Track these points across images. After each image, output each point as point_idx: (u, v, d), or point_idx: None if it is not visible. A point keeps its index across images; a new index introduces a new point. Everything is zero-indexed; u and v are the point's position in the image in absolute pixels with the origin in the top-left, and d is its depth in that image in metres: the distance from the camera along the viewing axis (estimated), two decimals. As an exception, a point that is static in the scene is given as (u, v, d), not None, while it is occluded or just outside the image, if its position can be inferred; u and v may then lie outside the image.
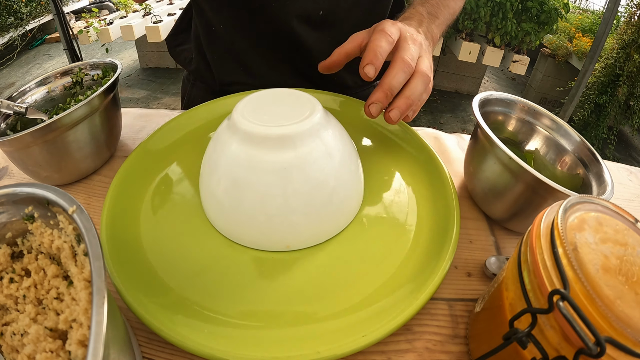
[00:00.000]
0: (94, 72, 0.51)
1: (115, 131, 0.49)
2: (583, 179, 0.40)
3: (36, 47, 3.60)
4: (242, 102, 0.39)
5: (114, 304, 0.25)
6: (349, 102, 0.53)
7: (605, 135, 2.43)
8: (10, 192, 0.25)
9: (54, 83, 0.50)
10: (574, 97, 2.30)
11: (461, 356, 0.31)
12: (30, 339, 0.23)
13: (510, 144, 0.45)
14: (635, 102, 2.31)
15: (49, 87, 0.49)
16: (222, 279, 0.34)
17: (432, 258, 0.34)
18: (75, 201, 0.23)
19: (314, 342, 0.28)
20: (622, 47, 2.29)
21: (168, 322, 0.29)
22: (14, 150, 0.41)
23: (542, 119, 0.45)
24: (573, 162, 0.42)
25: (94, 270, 0.19)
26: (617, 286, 0.20)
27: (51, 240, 0.26)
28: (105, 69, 0.51)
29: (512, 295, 0.25)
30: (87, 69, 0.51)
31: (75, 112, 0.40)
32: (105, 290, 0.19)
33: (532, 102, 0.45)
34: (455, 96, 3.12)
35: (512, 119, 0.46)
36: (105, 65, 0.51)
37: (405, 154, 0.47)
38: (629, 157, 2.60)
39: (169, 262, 0.35)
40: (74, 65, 0.51)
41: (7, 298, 0.26)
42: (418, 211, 0.40)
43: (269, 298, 0.33)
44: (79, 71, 0.51)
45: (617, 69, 2.31)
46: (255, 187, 0.35)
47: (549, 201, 0.35)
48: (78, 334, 0.21)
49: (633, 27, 2.25)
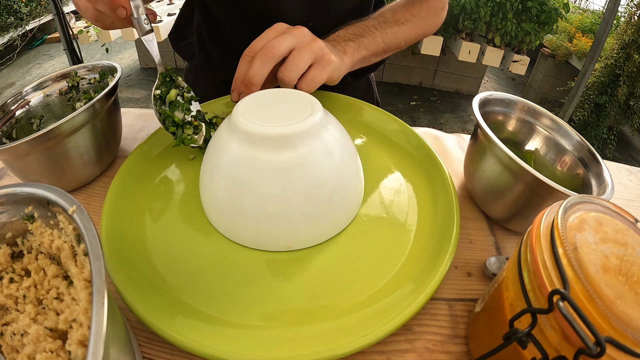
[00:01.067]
0: (90, 76, 0.50)
1: (116, 136, 0.48)
2: (583, 179, 0.40)
3: (36, 47, 3.60)
4: (242, 102, 0.39)
5: (114, 304, 0.25)
6: (349, 102, 0.53)
7: (605, 135, 2.43)
8: (10, 192, 0.25)
9: (51, 87, 0.49)
10: (574, 97, 2.30)
11: (461, 356, 0.31)
12: (30, 339, 0.23)
13: (510, 144, 0.45)
14: (635, 102, 2.31)
15: (45, 92, 0.49)
16: (221, 279, 0.34)
17: (432, 258, 0.34)
18: (75, 201, 0.23)
19: (314, 342, 0.28)
20: (622, 47, 2.29)
21: (168, 322, 0.29)
22: (12, 159, 0.39)
23: (542, 119, 0.45)
24: (573, 162, 0.42)
25: (94, 270, 0.19)
26: (617, 286, 0.20)
27: (51, 240, 0.26)
28: (102, 72, 0.50)
29: (512, 295, 0.25)
30: (84, 72, 0.50)
31: (74, 119, 0.39)
32: (105, 290, 0.19)
33: (532, 102, 0.45)
34: (455, 96, 3.12)
35: (512, 119, 0.46)
36: (103, 68, 0.50)
37: (405, 154, 0.47)
38: (629, 157, 2.60)
39: (168, 262, 0.35)
40: (70, 68, 0.50)
41: (7, 298, 0.26)
42: (418, 211, 0.40)
43: (268, 298, 0.33)
44: (75, 75, 0.50)
45: (617, 69, 2.31)
46: (255, 187, 0.35)
47: (549, 201, 0.35)
48: (78, 334, 0.21)
49: (633, 27, 2.25)
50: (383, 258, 0.36)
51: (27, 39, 3.43)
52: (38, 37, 3.61)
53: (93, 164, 0.45)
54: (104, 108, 0.43)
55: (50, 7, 2.22)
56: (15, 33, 3.13)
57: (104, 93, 0.41)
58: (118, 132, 0.49)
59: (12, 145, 0.36)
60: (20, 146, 0.36)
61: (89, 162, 0.44)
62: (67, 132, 0.39)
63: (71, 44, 2.27)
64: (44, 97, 0.48)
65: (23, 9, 3.14)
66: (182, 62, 3.26)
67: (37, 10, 3.29)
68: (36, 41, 3.60)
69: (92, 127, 0.42)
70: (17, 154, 0.39)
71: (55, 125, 0.37)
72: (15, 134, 0.45)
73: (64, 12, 2.18)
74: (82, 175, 0.44)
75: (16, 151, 0.38)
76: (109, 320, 0.18)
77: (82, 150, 0.42)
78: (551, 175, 0.42)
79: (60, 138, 0.39)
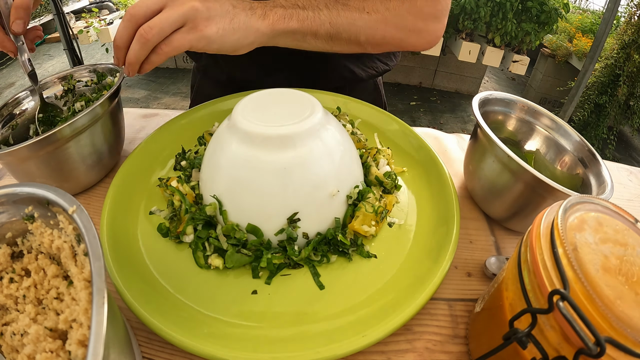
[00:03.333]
0: (87, 78, 0.49)
1: (119, 139, 0.47)
2: (583, 179, 0.40)
3: (36, 47, 3.60)
4: (242, 102, 0.39)
5: (114, 304, 0.25)
6: (349, 102, 0.53)
7: (605, 135, 2.43)
8: (10, 192, 0.25)
9: (50, 90, 0.48)
10: (574, 97, 2.30)
11: (461, 356, 0.31)
12: (30, 339, 0.23)
13: (510, 143, 0.45)
14: (635, 102, 2.31)
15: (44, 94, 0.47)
16: (221, 280, 0.34)
17: (432, 258, 0.34)
18: (75, 201, 0.23)
19: (314, 342, 0.28)
20: (622, 47, 2.29)
21: (168, 322, 0.29)
22: (13, 163, 0.38)
23: (542, 119, 0.45)
24: (573, 161, 0.42)
25: (94, 270, 0.19)
26: (617, 286, 0.20)
27: (51, 240, 0.25)
28: (100, 73, 0.49)
29: (512, 295, 0.25)
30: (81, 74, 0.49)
31: (74, 123, 0.37)
32: (105, 290, 0.19)
33: (532, 102, 0.45)
34: (455, 96, 3.12)
35: (512, 118, 0.46)
36: (102, 70, 0.49)
37: (405, 154, 0.47)
38: (629, 157, 2.60)
39: (168, 262, 0.35)
40: (72, 70, 0.49)
41: (7, 298, 0.26)
42: (418, 211, 0.40)
43: (268, 298, 0.33)
44: (70, 78, 0.49)
45: (617, 69, 2.31)
46: (255, 187, 0.35)
47: (549, 200, 0.35)
48: (78, 334, 0.21)
49: (633, 27, 2.25)
50: (383, 258, 0.36)
51: (27, 39, 3.42)
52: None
53: (95, 169, 0.43)
54: (107, 110, 0.42)
55: (50, 7, 2.22)
56: (15, 33, 3.13)
57: (107, 95, 0.40)
58: (121, 134, 0.47)
59: (12, 149, 0.35)
60: (20, 151, 0.35)
61: (91, 166, 0.42)
62: (68, 135, 0.38)
63: (71, 44, 2.27)
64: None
65: (23, 9, 3.13)
66: (182, 62, 3.26)
67: (37, 10, 3.28)
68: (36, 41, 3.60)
69: (94, 131, 0.41)
70: (16, 160, 0.37)
71: (54, 130, 0.36)
72: (12, 139, 0.44)
73: (64, 12, 2.18)
74: (84, 180, 0.43)
75: (15, 156, 0.37)
76: (109, 321, 0.18)
77: (84, 154, 0.41)
78: (551, 175, 0.42)
79: (61, 142, 0.38)
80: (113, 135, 0.45)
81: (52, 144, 0.37)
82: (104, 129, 0.42)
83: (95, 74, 0.49)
